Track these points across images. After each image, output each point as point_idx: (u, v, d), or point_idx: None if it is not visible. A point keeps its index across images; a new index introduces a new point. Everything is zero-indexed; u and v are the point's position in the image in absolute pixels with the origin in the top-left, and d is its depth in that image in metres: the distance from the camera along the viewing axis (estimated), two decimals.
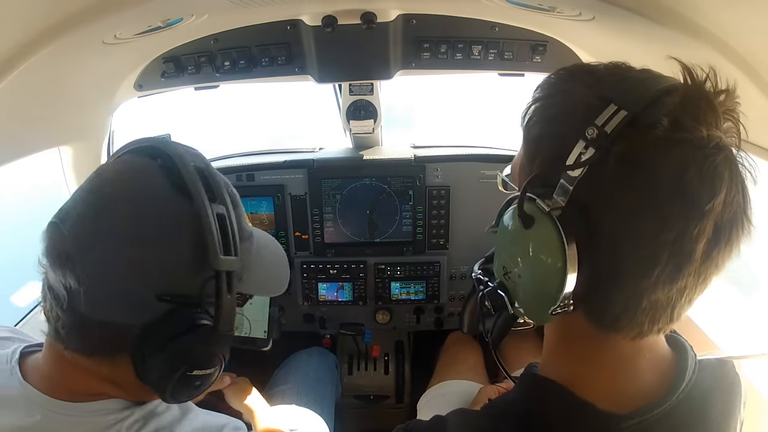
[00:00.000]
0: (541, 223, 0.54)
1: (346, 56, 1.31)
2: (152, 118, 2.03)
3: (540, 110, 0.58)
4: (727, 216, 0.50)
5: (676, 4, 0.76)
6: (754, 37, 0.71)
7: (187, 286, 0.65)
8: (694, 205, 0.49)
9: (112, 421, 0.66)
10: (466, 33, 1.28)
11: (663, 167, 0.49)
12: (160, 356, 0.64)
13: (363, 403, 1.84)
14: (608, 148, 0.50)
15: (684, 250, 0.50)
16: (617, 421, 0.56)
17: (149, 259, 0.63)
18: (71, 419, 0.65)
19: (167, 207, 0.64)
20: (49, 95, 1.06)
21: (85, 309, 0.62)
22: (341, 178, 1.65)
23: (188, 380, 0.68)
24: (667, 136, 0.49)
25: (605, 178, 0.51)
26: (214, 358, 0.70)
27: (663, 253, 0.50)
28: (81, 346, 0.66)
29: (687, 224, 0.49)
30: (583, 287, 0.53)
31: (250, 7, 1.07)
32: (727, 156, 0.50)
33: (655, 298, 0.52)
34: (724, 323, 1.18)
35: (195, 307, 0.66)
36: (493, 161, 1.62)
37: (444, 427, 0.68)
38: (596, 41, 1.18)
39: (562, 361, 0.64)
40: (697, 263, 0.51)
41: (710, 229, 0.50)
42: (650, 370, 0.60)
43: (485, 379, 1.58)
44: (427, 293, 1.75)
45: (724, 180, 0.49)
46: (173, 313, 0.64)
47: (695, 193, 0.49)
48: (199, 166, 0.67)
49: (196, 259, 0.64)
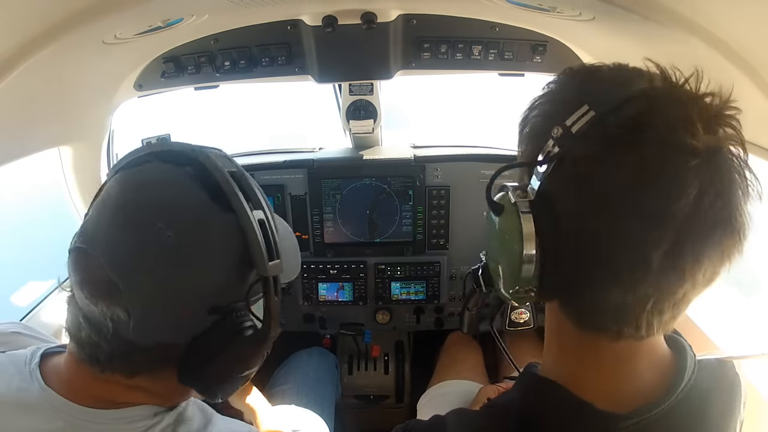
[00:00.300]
0: (508, 211, 0.57)
1: (346, 56, 1.31)
2: (152, 118, 2.03)
3: (536, 106, 0.60)
4: (696, 228, 0.48)
5: (676, 4, 0.76)
6: (754, 37, 0.71)
7: (235, 294, 0.64)
8: (646, 211, 0.48)
9: (141, 429, 0.64)
10: (466, 33, 1.28)
11: (618, 170, 0.49)
12: (210, 364, 0.64)
13: (363, 403, 1.84)
14: (570, 147, 0.51)
15: (636, 257, 0.49)
16: (616, 421, 0.56)
17: (199, 277, 0.61)
18: (97, 426, 0.63)
19: (211, 222, 0.62)
20: (49, 95, 1.06)
21: (134, 337, 0.60)
22: (341, 178, 1.65)
23: (238, 380, 0.69)
24: (628, 138, 0.49)
25: (564, 176, 0.52)
26: (261, 356, 0.70)
27: (615, 257, 0.50)
28: (123, 369, 0.64)
29: (640, 230, 0.48)
30: (554, 282, 0.56)
31: (250, 7, 1.07)
32: (706, 163, 0.47)
33: (614, 300, 0.52)
34: (724, 323, 1.18)
35: (244, 312, 0.65)
36: (493, 161, 1.62)
37: (443, 427, 0.69)
38: (596, 41, 1.18)
39: (560, 361, 0.64)
40: (654, 274, 0.49)
41: (669, 238, 0.48)
42: (649, 370, 0.59)
43: (485, 379, 1.58)
44: (427, 293, 1.75)
45: (690, 188, 0.47)
46: (223, 322, 0.63)
47: (649, 199, 0.48)
48: (232, 171, 0.65)
49: (243, 268, 0.64)
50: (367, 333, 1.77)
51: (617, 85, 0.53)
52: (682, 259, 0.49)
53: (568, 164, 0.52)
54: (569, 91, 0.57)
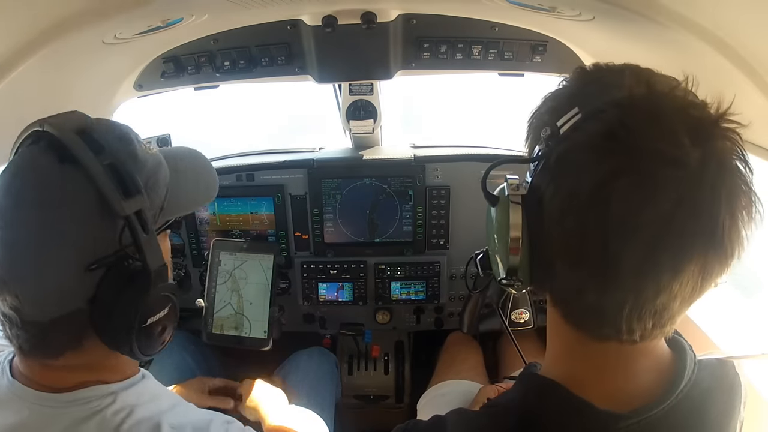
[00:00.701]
0: (502, 203, 0.61)
1: (346, 56, 1.31)
2: (152, 118, 2.03)
3: (544, 102, 0.61)
4: (672, 240, 0.48)
5: (676, 4, 0.76)
6: (754, 37, 0.71)
7: (107, 245, 0.65)
8: (612, 217, 0.48)
9: (94, 409, 0.66)
10: (466, 33, 1.28)
11: (589, 173, 0.49)
12: (114, 320, 0.65)
13: (363, 403, 1.84)
14: (552, 147, 0.53)
15: (605, 262, 0.49)
16: (616, 421, 0.56)
17: (66, 242, 0.62)
18: (55, 411, 0.66)
19: (62, 184, 0.62)
20: (49, 95, 1.06)
21: (36, 316, 0.63)
22: (341, 178, 1.65)
23: (148, 331, 0.68)
24: (603, 143, 0.49)
25: (547, 175, 0.54)
26: (160, 299, 0.69)
27: (584, 259, 0.51)
28: (49, 351, 0.66)
29: (607, 235, 0.49)
30: (541, 276, 0.58)
31: (250, 7, 1.07)
32: (688, 176, 0.47)
33: (590, 301, 0.53)
34: (724, 323, 1.18)
35: (123, 259, 0.66)
36: (493, 161, 1.62)
37: (443, 427, 0.69)
38: (596, 41, 1.18)
39: (560, 361, 0.64)
40: (626, 280, 0.49)
41: (641, 247, 0.48)
42: (649, 370, 0.60)
43: (485, 379, 1.58)
44: (427, 293, 1.75)
45: (664, 198, 0.47)
46: (110, 275, 0.64)
47: (617, 206, 0.48)
48: (79, 126, 0.65)
49: (105, 216, 0.63)
50: (367, 333, 1.77)
51: (602, 90, 0.54)
52: (657, 269, 0.49)
53: (549, 163, 0.55)
54: (573, 91, 0.58)
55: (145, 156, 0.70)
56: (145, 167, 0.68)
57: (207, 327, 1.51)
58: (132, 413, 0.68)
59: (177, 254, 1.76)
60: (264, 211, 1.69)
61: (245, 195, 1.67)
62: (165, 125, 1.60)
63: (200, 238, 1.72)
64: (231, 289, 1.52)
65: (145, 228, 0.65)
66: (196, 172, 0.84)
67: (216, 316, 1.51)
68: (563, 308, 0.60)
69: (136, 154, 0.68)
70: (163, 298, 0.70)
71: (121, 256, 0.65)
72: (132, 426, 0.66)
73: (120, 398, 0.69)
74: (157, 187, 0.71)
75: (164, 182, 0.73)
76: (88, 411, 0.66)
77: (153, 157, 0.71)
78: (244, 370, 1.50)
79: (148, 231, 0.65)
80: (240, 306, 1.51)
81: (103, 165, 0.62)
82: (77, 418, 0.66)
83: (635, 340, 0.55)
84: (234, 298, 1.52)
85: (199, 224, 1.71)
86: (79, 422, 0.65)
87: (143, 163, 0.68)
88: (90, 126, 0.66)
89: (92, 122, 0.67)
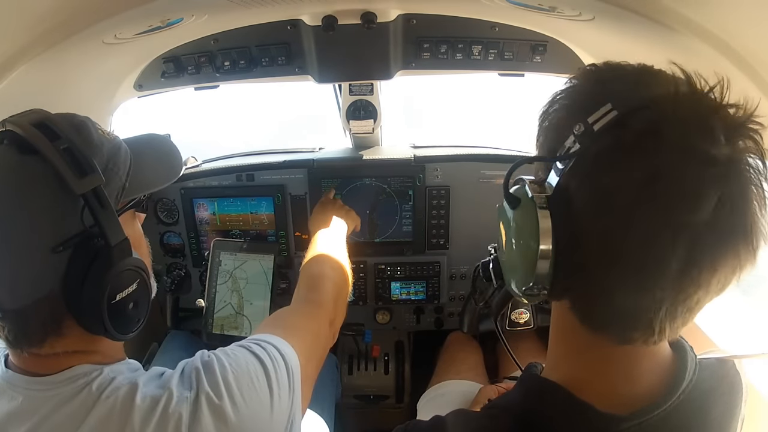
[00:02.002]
0: (525, 206, 0.57)
1: (346, 56, 1.31)
2: (152, 118, 2.03)
3: (557, 100, 0.60)
4: (712, 237, 0.48)
5: (676, 4, 0.76)
6: (755, 37, 0.71)
7: (70, 225, 0.66)
8: (661, 217, 0.48)
9: (81, 386, 0.67)
10: (466, 33, 1.28)
11: (634, 173, 0.49)
12: (84, 299, 0.66)
13: (363, 403, 1.84)
14: (589, 145, 0.51)
15: (650, 262, 0.49)
16: (617, 423, 0.56)
17: (31, 226, 0.64)
18: (46, 393, 0.67)
19: (22, 172, 0.64)
20: (49, 95, 1.06)
21: (13, 304, 0.64)
22: (341, 178, 1.65)
23: (118, 308, 0.69)
24: (647, 142, 0.48)
25: (582, 174, 0.52)
26: (126, 273, 0.71)
27: (627, 259, 0.50)
28: (32, 339, 0.67)
29: (654, 235, 0.48)
30: (569, 282, 0.55)
31: (250, 7, 1.07)
32: (725, 173, 0.48)
33: (624, 303, 0.52)
34: (724, 323, 1.18)
35: (88, 239, 0.67)
36: (493, 161, 1.62)
37: (443, 428, 0.68)
38: (596, 41, 1.18)
39: (564, 363, 0.64)
40: (670, 280, 0.49)
41: (684, 245, 0.48)
42: (650, 371, 0.59)
43: (485, 379, 1.58)
44: (427, 293, 1.75)
45: (709, 199, 0.47)
46: (76, 255, 0.66)
47: (664, 205, 0.48)
48: (38, 119, 0.67)
49: (64, 197, 0.65)
50: (367, 333, 1.77)
51: (641, 86, 0.53)
52: (698, 267, 0.49)
53: (586, 162, 0.52)
54: (593, 88, 0.56)
55: (101, 140, 0.72)
56: (101, 150, 0.71)
57: (207, 327, 1.51)
58: (113, 381, 0.69)
59: (177, 254, 1.76)
60: (264, 211, 1.69)
61: (245, 195, 1.68)
62: (165, 125, 1.61)
63: (200, 238, 1.72)
64: (231, 289, 1.53)
65: (102, 202, 0.67)
66: (159, 154, 0.88)
67: (216, 316, 1.51)
68: (584, 312, 0.57)
69: (91, 139, 0.71)
70: (129, 273, 0.71)
71: (86, 235, 0.67)
72: (112, 391, 0.67)
73: (105, 371, 0.70)
74: (117, 168, 0.73)
75: (124, 164, 0.75)
76: (76, 388, 0.67)
77: (110, 142, 0.74)
78: None
79: (106, 207, 0.67)
80: (240, 306, 1.51)
81: (59, 150, 0.65)
82: (67, 396, 0.67)
83: (653, 341, 0.54)
84: (234, 298, 1.52)
85: (199, 224, 1.71)
86: (68, 399, 0.67)
87: (99, 147, 0.71)
88: (48, 118, 0.68)
89: (50, 116, 0.70)
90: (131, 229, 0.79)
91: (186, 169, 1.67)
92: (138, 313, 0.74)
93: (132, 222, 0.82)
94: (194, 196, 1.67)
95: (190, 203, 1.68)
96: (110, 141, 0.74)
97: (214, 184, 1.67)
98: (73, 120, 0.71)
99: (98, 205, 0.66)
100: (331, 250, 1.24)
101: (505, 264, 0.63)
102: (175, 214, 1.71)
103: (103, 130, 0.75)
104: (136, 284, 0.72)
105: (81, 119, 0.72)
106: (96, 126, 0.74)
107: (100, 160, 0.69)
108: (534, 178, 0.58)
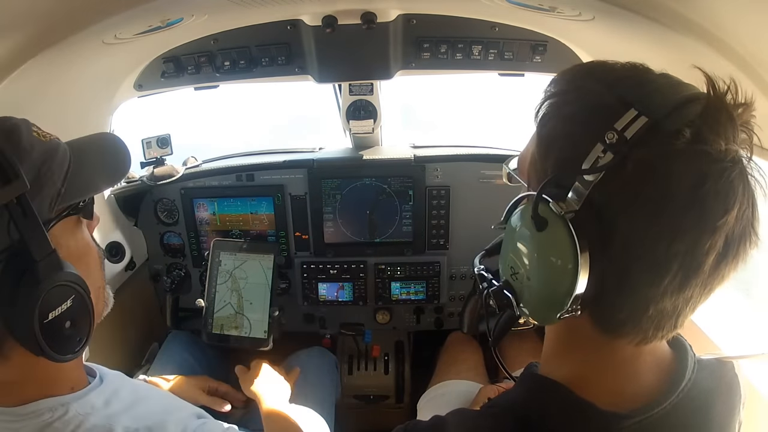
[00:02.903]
0: (554, 225, 0.53)
1: (346, 56, 1.31)
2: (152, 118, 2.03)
3: (555, 107, 0.57)
4: (738, 231, 0.51)
5: (676, 4, 0.76)
6: (754, 37, 0.71)
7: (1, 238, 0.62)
8: (708, 218, 0.49)
9: (46, 421, 0.66)
10: (466, 33, 1.28)
11: (681, 178, 0.49)
12: (17, 318, 0.62)
13: (363, 403, 1.84)
14: (626, 153, 0.49)
15: (694, 262, 0.50)
16: (617, 421, 0.56)
17: None
18: (13, 425, 0.66)
19: None
20: (49, 95, 1.06)
21: None
22: (341, 178, 1.65)
23: (54, 328, 0.64)
24: (688, 147, 0.48)
25: (621, 183, 0.50)
26: (56, 290, 0.65)
27: (673, 263, 0.50)
28: None
29: (699, 237, 0.49)
30: (591, 292, 0.53)
31: (250, 7, 1.07)
32: (742, 170, 0.50)
33: (661, 306, 0.52)
34: (724, 323, 1.18)
35: (15, 255, 0.62)
36: (493, 161, 1.62)
37: (443, 427, 0.68)
38: (596, 41, 1.18)
39: (562, 362, 0.64)
40: (705, 275, 0.51)
41: (720, 243, 0.50)
42: (651, 370, 0.60)
43: (485, 379, 1.58)
44: (427, 293, 1.75)
45: (738, 195, 0.49)
46: (3, 273, 0.62)
47: (710, 207, 0.49)
48: None
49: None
50: (367, 333, 1.77)
51: (668, 89, 0.53)
52: (725, 262, 0.51)
53: (628, 171, 0.49)
54: (602, 92, 0.54)
55: (32, 144, 0.67)
56: (30, 154, 0.65)
57: (207, 327, 1.51)
58: (83, 422, 0.67)
59: (177, 254, 1.76)
60: (264, 211, 1.69)
61: (245, 195, 1.68)
62: (165, 126, 1.61)
63: (200, 238, 1.72)
64: (231, 289, 1.52)
65: (25, 212, 0.61)
66: (103, 154, 0.81)
67: (216, 316, 1.51)
68: (603, 317, 0.56)
69: (19, 143, 0.65)
70: (60, 289, 0.65)
71: (14, 250, 0.62)
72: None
73: (72, 408, 0.69)
74: (50, 173, 0.67)
75: (60, 167, 0.69)
76: (40, 424, 0.66)
77: (44, 144, 0.68)
78: None
79: (29, 217, 0.62)
80: (240, 306, 1.51)
81: None
82: (33, 430, 0.66)
83: (665, 337, 0.56)
84: (234, 298, 1.52)
85: (199, 224, 1.71)
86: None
87: (28, 151, 0.65)
88: None
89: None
90: (72, 239, 0.73)
91: (186, 169, 1.67)
92: (77, 332, 0.68)
93: (74, 230, 0.75)
94: (194, 196, 1.67)
95: (190, 203, 1.68)
96: (45, 144, 0.68)
97: (214, 184, 1.67)
98: (4, 125, 0.66)
99: (21, 216, 0.61)
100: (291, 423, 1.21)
101: (533, 290, 0.57)
102: (175, 214, 1.71)
103: (40, 133, 0.69)
104: (71, 301, 0.66)
105: (13, 123, 0.67)
106: (31, 129, 0.69)
107: (29, 165, 0.64)
108: (553, 193, 0.53)
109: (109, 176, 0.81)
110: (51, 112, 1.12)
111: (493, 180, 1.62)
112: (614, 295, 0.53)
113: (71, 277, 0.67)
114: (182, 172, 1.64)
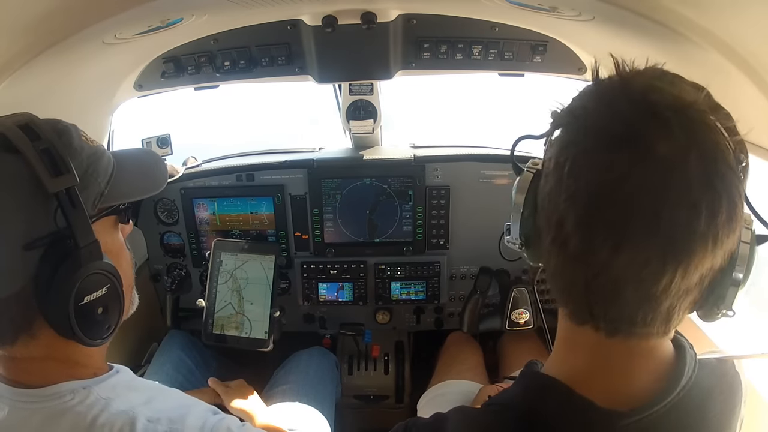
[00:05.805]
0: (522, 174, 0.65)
1: (346, 56, 1.31)
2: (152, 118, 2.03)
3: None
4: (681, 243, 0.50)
5: (676, 4, 0.76)
6: (755, 38, 0.71)
7: (43, 224, 0.66)
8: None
9: (67, 404, 0.67)
10: (466, 33, 1.28)
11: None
12: (52, 299, 0.66)
13: (363, 403, 1.84)
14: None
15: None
16: (617, 419, 0.56)
17: (5, 222, 0.64)
18: (33, 406, 0.67)
19: (1, 170, 0.65)
20: (49, 95, 1.06)
21: None
22: (341, 178, 1.65)
23: (86, 311, 0.69)
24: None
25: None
26: (95, 276, 0.70)
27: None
28: (3, 337, 0.68)
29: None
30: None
31: (250, 7, 1.07)
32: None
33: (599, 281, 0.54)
34: (724, 323, 1.18)
35: (60, 239, 0.67)
36: (493, 161, 1.62)
37: (444, 425, 0.69)
38: (596, 41, 1.19)
39: (563, 360, 0.64)
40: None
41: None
42: (651, 368, 0.60)
43: (485, 379, 1.58)
44: (427, 293, 1.75)
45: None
46: (48, 254, 0.66)
47: (635, 202, 0.50)
48: (22, 121, 0.68)
49: (38, 196, 0.65)
50: (367, 333, 1.77)
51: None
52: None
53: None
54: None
55: (82, 146, 0.73)
56: (80, 154, 0.71)
57: (207, 327, 1.51)
58: (107, 406, 0.68)
59: (177, 254, 1.76)
60: (264, 211, 1.69)
61: (245, 195, 1.68)
62: (165, 126, 1.61)
63: (200, 238, 1.73)
64: (232, 289, 1.53)
65: (74, 203, 0.67)
66: (144, 167, 0.89)
67: (217, 316, 1.51)
68: (573, 310, 0.59)
69: (71, 143, 0.71)
70: (98, 276, 0.70)
71: (58, 236, 0.67)
72: (107, 419, 0.67)
73: (94, 392, 0.70)
74: (96, 174, 0.73)
75: (105, 171, 0.75)
76: (62, 406, 0.67)
77: (91, 148, 0.74)
78: (244, 370, 1.49)
79: (77, 208, 0.67)
80: (241, 306, 1.51)
81: (38, 150, 0.65)
82: (52, 413, 0.67)
83: (668, 332, 0.58)
84: (235, 298, 1.52)
85: (199, 224, 1.71)
86: (54, 417, 0.66)
87: (78, 151, 0.71)
88: (32, 121, 0.69)
89: (35, 119, 0.70)
90: (110, 237, 0.79)
91: (186, 169, 1.67)
92: (108, 319, 0.73)
93: (111, 231, 0.81)
94: (194, 196, 1.67)
95: (190, 203, 1.68)
96: (92, 147, 0.75)
97: (214, 184, 1.67)
98: (57, 125, 0.72)
99: (70, 206, 0.66)
100: None
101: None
102: (175, 214, 1.71)
103: (87, 138, 0.75)
104: (106, 289, 0.71)
105: (65, 125, 0.73)
106: (80, 133, 0.74)
107: (78, 163, 0.70)
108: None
109: (146, 187, 0.87)
110: (51, 112, 1.11)
111: (493, 180, 1.62)
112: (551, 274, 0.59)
113: (109, 267, 0.72)
114: (182, 172, 1.64)
